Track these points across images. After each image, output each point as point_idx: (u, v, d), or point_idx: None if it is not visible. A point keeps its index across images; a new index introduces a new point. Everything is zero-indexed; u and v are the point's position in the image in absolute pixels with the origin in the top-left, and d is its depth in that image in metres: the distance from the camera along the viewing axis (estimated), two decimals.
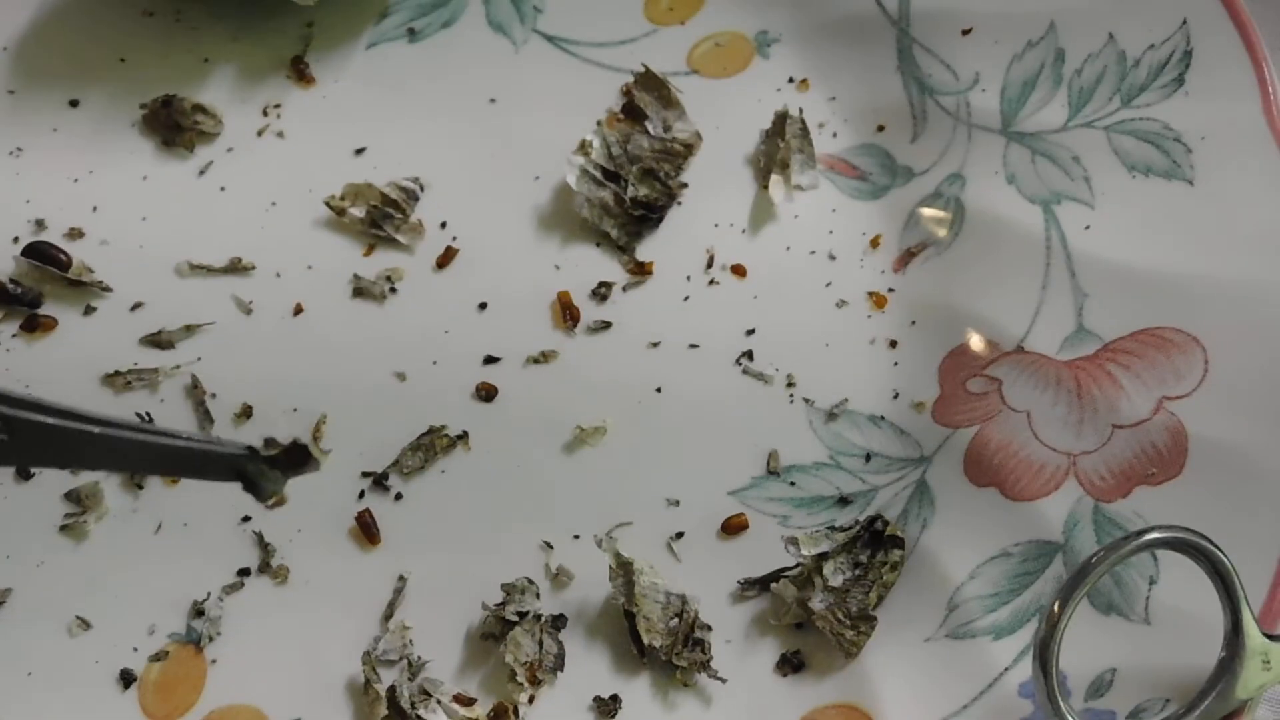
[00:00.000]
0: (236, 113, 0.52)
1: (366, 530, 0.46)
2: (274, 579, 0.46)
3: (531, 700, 0.45)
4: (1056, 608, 0.41)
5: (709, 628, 0.45)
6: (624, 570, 0.45)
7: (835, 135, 0.51)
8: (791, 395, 0.48)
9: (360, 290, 0.50)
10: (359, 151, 0.51)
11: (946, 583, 0.45)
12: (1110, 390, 0.46)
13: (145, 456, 0.36)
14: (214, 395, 0.48)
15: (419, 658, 0.45)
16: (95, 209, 0.51)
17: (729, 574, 0.46)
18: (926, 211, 0.49)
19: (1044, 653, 0.41)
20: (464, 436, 0.48)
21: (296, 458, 0.37)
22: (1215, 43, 0.47)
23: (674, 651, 0.44)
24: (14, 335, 0.50)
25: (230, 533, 0.47)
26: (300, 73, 0.53)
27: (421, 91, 0.52)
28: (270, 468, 0.37)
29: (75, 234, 0.51)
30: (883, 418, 0.47)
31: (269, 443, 0.37)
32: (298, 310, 0.50)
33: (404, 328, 0.49)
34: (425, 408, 0.48)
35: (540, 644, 0.45)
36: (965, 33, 0.50)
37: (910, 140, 0.50)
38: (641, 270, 0.49)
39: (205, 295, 0.50)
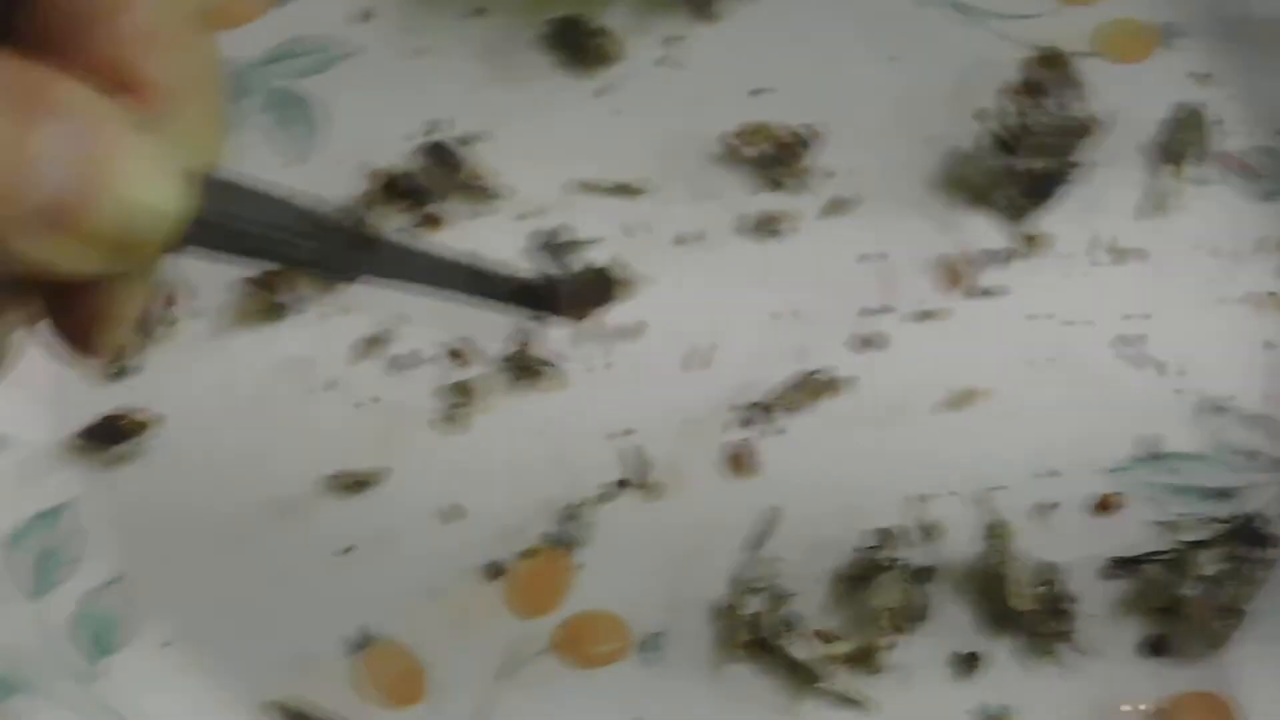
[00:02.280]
0: (637, 40, 0.53)
1: (745, 459, 0.47)
2: (648, 494, 0.47)
3: (892, 647, 0.45)
4: None
5: (1075, 600, 0.45)
6: (999, 532, 0.46)
7: (1234, 134, 0.51)
8: (1178, 385, 0.48)
9: (747, 227, 0.50)
10: (755, 92, 0.52)
11: None
12: None
13: (470, 281, 0.37)
14: None
15: (784, 590, 0.46)
16: (492, 117, 0.52)
17: (1096, 550, 0.46)
18: None
19: None
20: (848, 380, 0.48)
21: (600, 289, 0.38)
22: None
23: (1039, 619, 0.45)
24: (401, 229, 0.51)
25: (609, 443, 0.48)
26: (703, 8, 0.53)
27: (823, 40, 0.53)
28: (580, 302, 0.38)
29: (470, 139, 0.52)
30: (1270, 419, 0.47)
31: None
32: (681, 240, 0.50)
33: (789, 269, 0.50)
34: (809, 348, 0.49)
35: (907, 593, 0.46)
36: None
37: None
38: (1030, 243, 0.50)
39: (592, 213, 0.51)
